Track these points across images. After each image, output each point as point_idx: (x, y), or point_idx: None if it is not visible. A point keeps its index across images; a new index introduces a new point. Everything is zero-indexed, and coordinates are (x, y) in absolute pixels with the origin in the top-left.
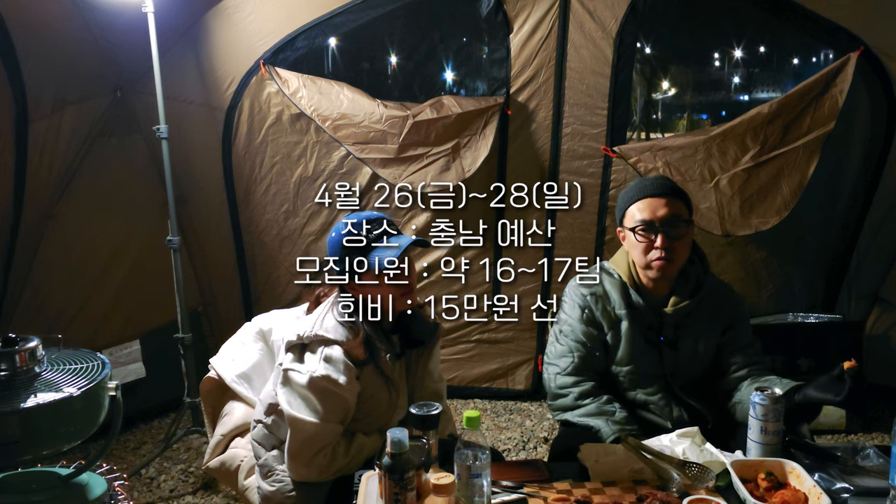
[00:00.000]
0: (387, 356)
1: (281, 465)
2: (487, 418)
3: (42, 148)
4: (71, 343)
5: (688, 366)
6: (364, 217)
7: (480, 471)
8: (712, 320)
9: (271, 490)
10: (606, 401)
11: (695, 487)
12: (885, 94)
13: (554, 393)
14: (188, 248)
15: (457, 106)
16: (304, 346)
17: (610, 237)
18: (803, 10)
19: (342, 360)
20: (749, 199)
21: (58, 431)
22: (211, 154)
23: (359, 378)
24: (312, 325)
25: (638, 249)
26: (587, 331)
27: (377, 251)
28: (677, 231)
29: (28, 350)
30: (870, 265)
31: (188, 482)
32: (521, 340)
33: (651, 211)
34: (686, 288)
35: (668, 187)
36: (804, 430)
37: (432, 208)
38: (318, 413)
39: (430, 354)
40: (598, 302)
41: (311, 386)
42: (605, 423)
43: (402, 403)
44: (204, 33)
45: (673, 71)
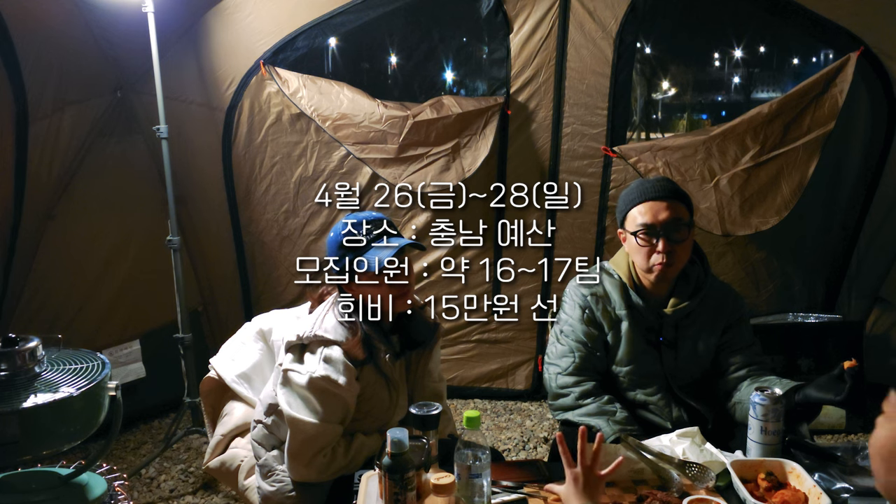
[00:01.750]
0: (386, 356)
1: (281, 465)
2: (487, 418)
3: (42, 148)
4: (71, 343)
5: (687, 366)
6: (364, 217)
7: (480, 471)
8: (712, 321)
9: (271, 490)
10: (607, 401)
11: (695, 487)
12: (885, 94)
13: (555, 393)
14: (188, 248)
15: (457, 106)
16: (304, 346)
17: (610, 237)
18: (803, 10)
19: (342, 361)
20: (749, 199)
21: (58, 431)
22: (211, 154)
23: (358, 378)
24: (312, 325)
25: (639, 253)
26: (588, 331)
27: (375, 251)
28: (678, 235)
29: (28, 350)
30: (870, 265)
31: (188, 482)
32: (521, 340)
33: (652, 214)
34: (686, 289)
35: (669, 190)
36: (804, 430)
37: (432, 208)
38: (317, 413)
39: (430, 355)
40: (598, 302)
41: (311, 386)
42: (606, 422)
43: (402, 403)
44: (204, 33)
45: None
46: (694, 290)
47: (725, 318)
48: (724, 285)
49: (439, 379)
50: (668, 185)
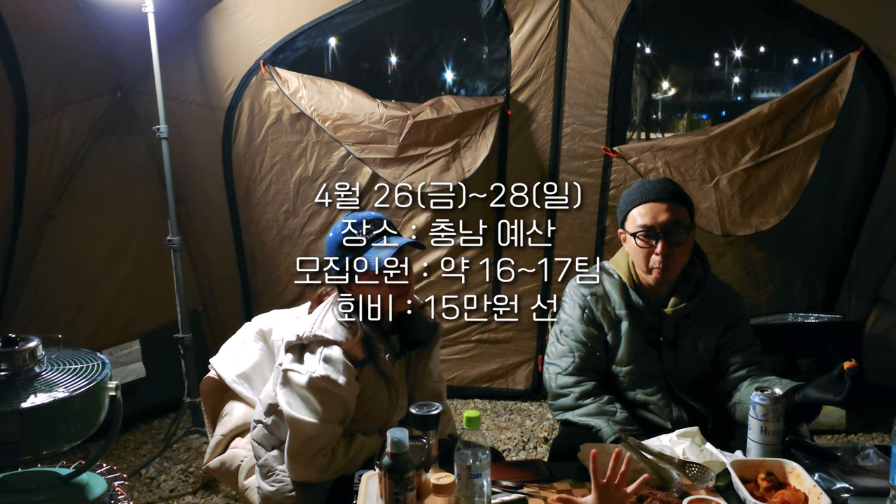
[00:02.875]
0: (386, 356)
1: (281, 465)
2: (487, 418)
3: (42, 148)
4: (71, 343)
5: (688, 366)
6: (364, 217)
7: (480, 471)
8: (713, 321)
9: (271, 490)
10: (607, 401)
11: (695, 487)
12: (885, 94)
13: (555, 392)
14: (188, 248)
15: (457, 106)
16: (304, 346)
17: (610, 237)
18: (803, 10)
19: (341, 361)
20: (749, 199)
21: (58, 431)
22: (211, 154)
23: (358, 378)
24: (311, 325)
25: (639, 255)
26: (588, 331)
27: (375, 251)
28: (678, 237)
29: (28, 350)
30: (870, 265)
31: (188, 482)
32: (521, 340)
33: (652, 216)
34: (687, 289)
35: (670, 191)
36: (804, 430)
37: (432, 208)
38: (317, 413)
39: (429, 354)
40: (598, 302)
41: (311, 386)
42: (606, 422)
43: (402, 403)
44: (204, 33)
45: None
46: (694, 290)
47: (725, 318)
48: (725, 285)
49: (439, 379)
50: (668, 187)
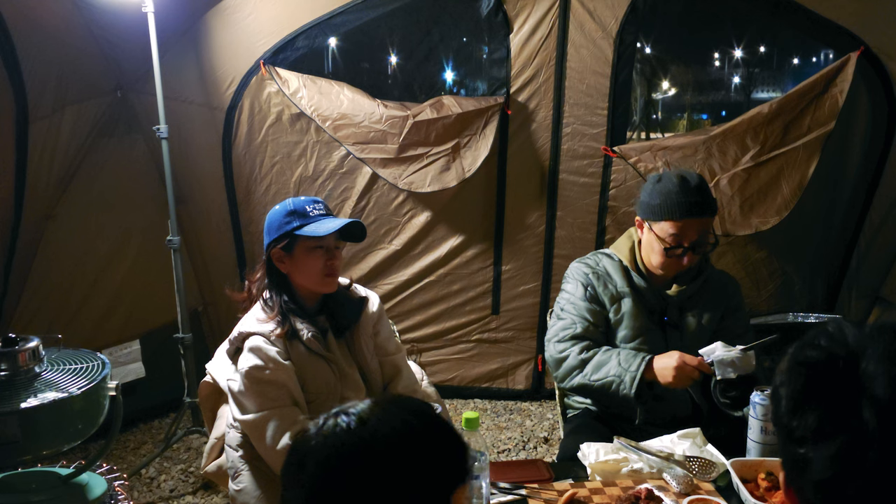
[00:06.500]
0: (309, 334)
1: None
2: (487, 418)
3: (42, 148)
4: (71, 343)
5: (694, 346)
6: (308, 199)
7: (478, 472)
8: (714, 303)
9: (237, 490)
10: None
11: (699, 478)
12: (885, 94)
13: (556, 359)
14: (188, 248)
15: (457, 106)
16: (238, 349)
17: (610, 237)
18: (803, 10)
19: (264, 346)
20: (749, 199)
21: (58, 431)
22: (211, 154)
23: (290, 359)
24: (238, 328)
25: (660, 255)
26: (590, 307)
27: (321, 222)
28: (704, 248)
29: (28, 350)
30: (870, 265)
31: (188, 482)
32: (521, 340)
33: (685, 232)
34: (687, 275)
35: (706, 206)
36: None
37: (432, 208)
38: (262, 404)
39: (366, 329)
40: (599, 279)
41: (246, 382)
42: (617, 364)
43: (356, 380)
44: (204, 33)
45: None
46: (696, 273)
47: (726, 301)
48: (723, 272)
49: (396, 350)
50: (705, 201)
